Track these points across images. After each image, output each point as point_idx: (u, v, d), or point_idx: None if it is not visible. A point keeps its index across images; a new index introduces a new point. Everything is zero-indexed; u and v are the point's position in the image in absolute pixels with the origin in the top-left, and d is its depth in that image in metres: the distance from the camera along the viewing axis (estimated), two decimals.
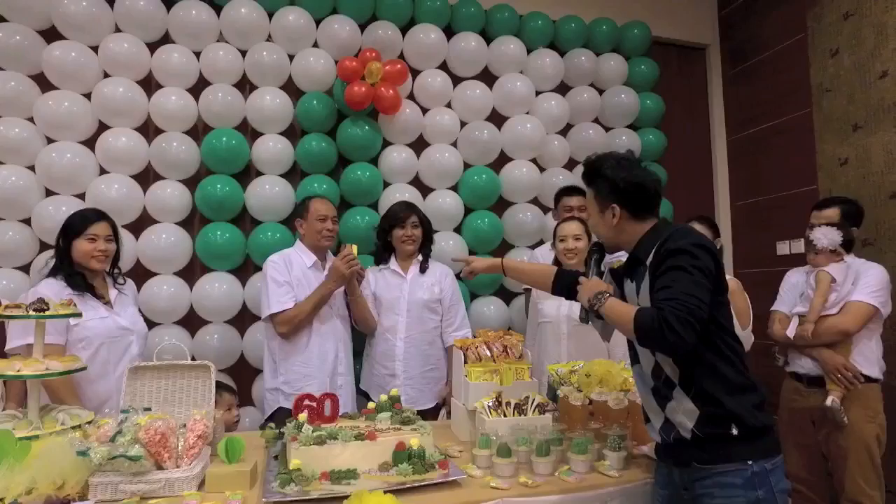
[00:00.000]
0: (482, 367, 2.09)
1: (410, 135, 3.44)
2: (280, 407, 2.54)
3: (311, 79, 3.25)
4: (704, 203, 4.37)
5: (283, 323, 2.52)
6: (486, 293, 3.48)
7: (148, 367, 1.82)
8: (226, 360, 3.08)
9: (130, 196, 2.94)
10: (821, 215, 2.69)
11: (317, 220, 2.65)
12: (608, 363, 2.19)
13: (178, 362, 1.83)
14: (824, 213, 2.69)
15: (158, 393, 1.81)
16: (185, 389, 1.83)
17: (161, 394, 1.81)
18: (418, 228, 2.82)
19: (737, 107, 4.36)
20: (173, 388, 1.82)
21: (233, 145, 3.07)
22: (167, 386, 1.82)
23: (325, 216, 2.67)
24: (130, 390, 1.78)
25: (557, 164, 3.74)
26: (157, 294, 2.94)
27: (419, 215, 2.85)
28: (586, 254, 1.80)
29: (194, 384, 1.84)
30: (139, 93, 3.01)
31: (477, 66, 3.62)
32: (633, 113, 3.91)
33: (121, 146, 2.93)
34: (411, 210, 2.84)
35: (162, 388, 1.81)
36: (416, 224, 2.81)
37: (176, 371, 1.83)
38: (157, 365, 1.82)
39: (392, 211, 2.87)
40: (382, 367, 2.75)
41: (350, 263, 2.55)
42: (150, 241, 2.96)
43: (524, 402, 1.96)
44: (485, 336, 2.25)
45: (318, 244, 2.67)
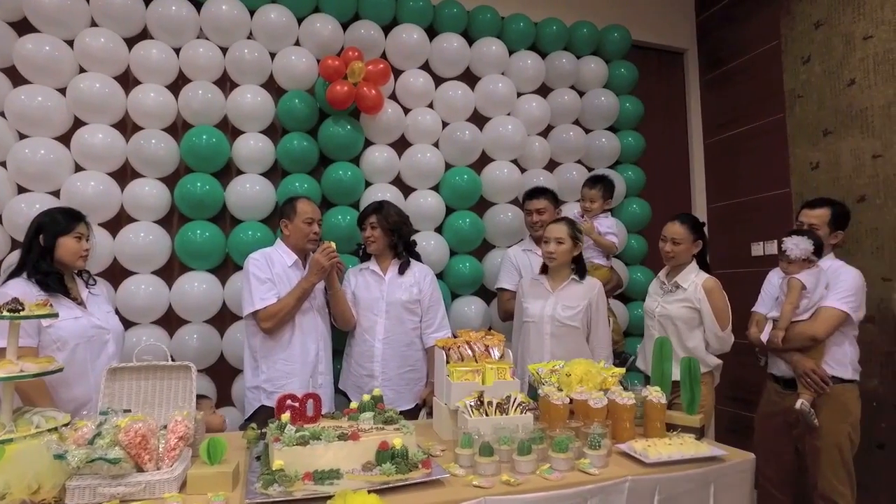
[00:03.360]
0: (464, 367, 2.10)
1: (392, 135, 3.44)
2: (262, 405, 2.53)
3: (293, 77, 3.23)
4: (682, 204, 4.43)
5: (267, 318, 2.51)
6: (466, 293, 3.49)
7: (127, 369, 1.80)
8: (205, 360, 3.04)
9: (107, 194, 2.89)
10: (811, 214, 2.71)
11: (304, 222, 2.64)
12: (588, 363, 2.22)
13: (157, 363, 1.81)
14: (815, 213, 2.70)
15: (138, 394, 1.79)
16: (166, 391, 1.81)
17: (140, 395, 1.79)
18: (377, 229, 2.77)
19: (713, 111, 4.44)
20: (153, 389, 1.80)
21: (213, 143, 3.03)
22: (147, 387, 1.80)
23: (312, 219, 2.66)
24: (109, 392, 1.76)
25: (538, 165, 3.77)
26: (134, 293, 2.89)
27: (381, 215, 2.79)
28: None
29: (174, 385, 1.82)
30: (116, 89, 2.96)
31: (459, 67, 3.63)
32: (613, 115, 3.96)
33: (97, 143, 2.87)
34: (371, 211, 2.81)
35: (141, 390, 1.79)
36: (374, 225, 2.78)
37: (156, 372, 1.81)
38: (136, 366, 1.79)
39: (360, 213, 2.89)
40: (360, 368, 2.75)
41: (330, 255, 2.55)
42: (127, 240, 2.91)
43: (506, 402, 1.98)
44: (466, 336, 2.27)
45: (303, 246, 2.66)
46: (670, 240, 2.72)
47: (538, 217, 3.09)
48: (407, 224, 2.90)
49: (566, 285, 2.73)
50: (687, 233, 2.70)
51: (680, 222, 2.73)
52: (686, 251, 2.72)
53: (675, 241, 2.71)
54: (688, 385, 2.10)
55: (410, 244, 2.92)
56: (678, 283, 2.71)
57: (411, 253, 2.91)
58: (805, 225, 2.71)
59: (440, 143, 3.54)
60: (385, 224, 2.78)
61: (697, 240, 2.73)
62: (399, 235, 2.82)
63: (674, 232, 2.72)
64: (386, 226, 2.78)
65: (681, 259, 2.73)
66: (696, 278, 2.69)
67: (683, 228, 2.71)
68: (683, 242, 2.70)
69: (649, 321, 2.80)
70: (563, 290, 2.73)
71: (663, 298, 2.75)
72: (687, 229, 2.71)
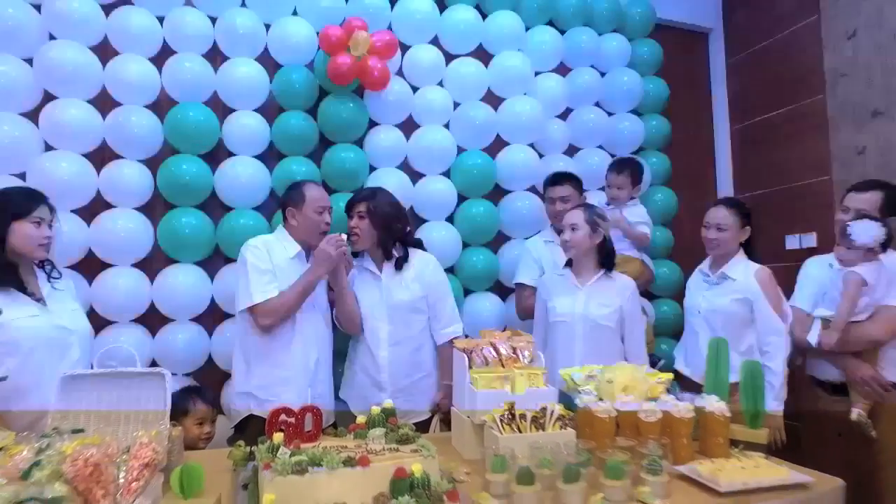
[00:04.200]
0: (490, 373, 1.79)
1: (399, 114, 3.14)
2: (251, 414, 2.22)
3: (290, 50, 2.93)
4: (707, 195, 4.14)
5: (267, 314, 2.20)
6: (480, 289, 3.19)
7: (87, 377, 1.49)
8: (191, 364, 2.75)
9: (81, 177, 2.59)
10: (860, 199, 2.42)
11: (315, 211, 2.33)
12: (632, 367, 1.91)
13: (124, 370, 1.49)
14: (864, 197, 2.41)
15: (98, 408, 1.47)
16: (135, 403, 1.50)
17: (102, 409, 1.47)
18: (365, 220, 2.40)
19: (741, 94, 4.14)
20: (118, 401, 1.48)
21: (201, 122, 2.74)
22: (112, 399, 1.48)
23: (324, 207, 2.35)
24: (64, 405, 1.45)
25: (557, 150, 3.47)
26: (112, 288, 2.60)
27: (373, 205, 2.41)
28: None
29: (145, 397, 1.51)
30: (92, 60, 2.65)
31: (471, 42, 3.33)
32: (637, 97, 3.66)
33: (70, 120, 2.57)
34: (361, 198, 2.45)
35: (104, 402, 1.48)
36: (363, 214, 2.41)
37: (122, 381, 1.50)
38: (97, 373, 1.48)
39: (349, 199, 2.54)
40: (366, 377, 2.43)
41: (338, 245, 2.25)
42: (104, 229, 2.62)
43: (542, 415, 1.67)
44: (491, 337, 1.96)
45: (312, 239, 2.34)
46: (714, 226, 2.43)
47: (562, 206, 2.78)
48: (400, 219, 2.52)
49: (597, 280, 2.44)
50: (734, 218, 2.42)
51: (726, 206, 2.45)
52: (732, 239, 2.43)
53: (719, 228, 2.42)
54: (750, 393, 1.80)
55: (405, 238, 2.54)
56: (726, 274, 2.42)
57: (408, 242, 2.55)
58: (851, 211, 2.41)
59: (451, 124, 3.23)
60: (375, 216, 2.42)
61: (745, 226, 2.43)
62: (389, 232, 2.45)
63: (719, 217, 2.42)
64: (376, 217, 2.42)
65: (726, 247, 2.44)
66: (747, 268, 2.40)
67: (730, 213, 2.42)
68: (730, 229, 2.41)
69: (692, 318, 2.50)
70: (594, 285, 2.43)
71: (708, 292, 2.45)
72: (734, 214, 2.42)
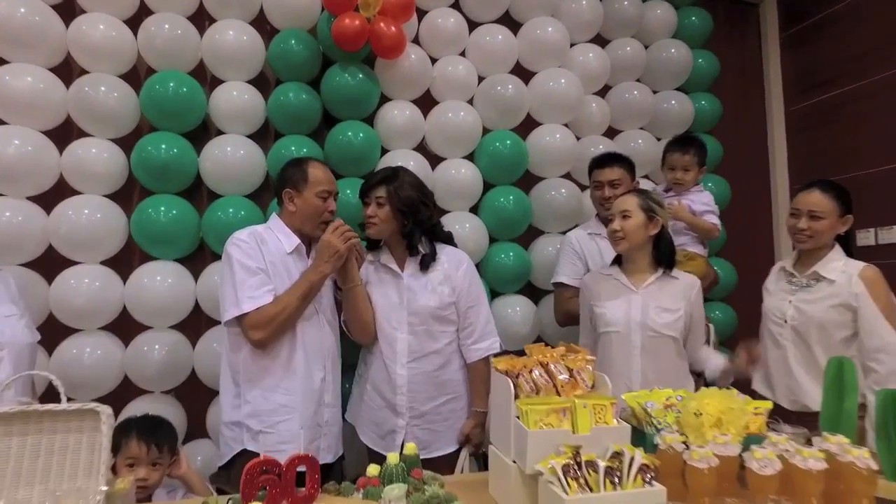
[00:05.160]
0: (544, 405, 1.35)
1: (415, 88, 2.71)
2: (244, 450, 1.79)
3: (289, 11, 2.52)
4: (758, 183, 3.74)
5: (259, 326, 1.76)
6: (509, 291, 2.75)
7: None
8: (172, 379, 2.35)
9: (39, 157, 2.21)
10: None
11: (318, 195, 1.90)
12: (723, 394, 1.47)
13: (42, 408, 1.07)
14: None
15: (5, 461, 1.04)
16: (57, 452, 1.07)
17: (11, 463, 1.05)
18: (383, 207, 1.99)
19: (799, 72, 3.68)
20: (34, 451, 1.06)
21: (183, 94, 2.34)
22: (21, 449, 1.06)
23: (328, 191, 1.93)
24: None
25: (596, 131, 3.04)
26: (75, 290, 2.21)
27: (393, 189, 1.99)
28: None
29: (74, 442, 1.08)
30: (51, 17, 2.27)
31: (498, 7, 2.90)
32: (684, 72, 3.23)
33: (24, 89, 2.18)
34: (379, 180, 2.02)
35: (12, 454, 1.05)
36: (382, 200, 1.99)
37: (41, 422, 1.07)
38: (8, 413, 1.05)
39: (364, 181, 2.11)
40: (379, 398, 1.99)
41: (346, 236, 1.84)
42: (67, 218, 2.23)
43: (617, 464, 1.23)
44: (540, 355, 1.52)
45: (311, 229, 1.92)
46: (806, 213, 1.99)
47: (611, 191, 2.34)
48: (427, 204, 2.06)
49: (654, 280, 2.01)
50: (832, 205, 1.98)
51: (821, 190, 2.00)
52: (829, 230, 1.99)
53: (813, 215, 1.98)
54: (892, 434, 1.35)
55: (432, 230, 2.10)
56: (819, 274, 1.97)
57: (436, 236, 2.10)
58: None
59: (475, 100, 2.82)
60: (396, 201, 1.98)
61: (845, 215, 1.99)
62: (414, 220, 2.00)
63: (813, 202, 1.99)
64: (397, 203, 1.98)
65: (820, 240, 2.00)
66: (847, 267, 1.95)
67: (826, 199, 1.98)
68: (827, 217, 1.97)
69: (776, 329, 2.05)
70: (651, 286, 2.00)
71: (797, 296, 2.00)
72: (831, 199, 1.98)
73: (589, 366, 1.52)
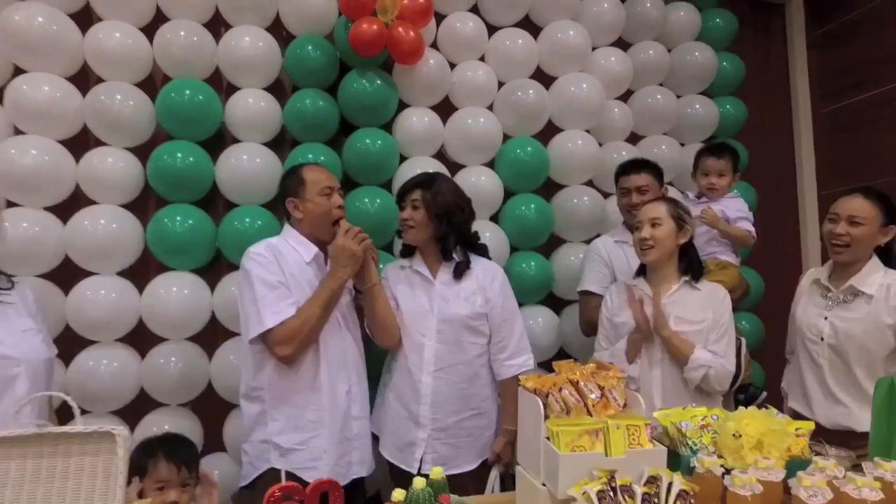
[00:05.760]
0: (575, 426, 1.29)
1: (434, 94, 2.66)
2: (271, 468, 1.73)
3: (306, 17, 2.48)
4: (785, 190, 3.64)
5: (286, 340, 1.70)
6: (530, 301, 2.68)
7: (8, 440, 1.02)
8: (188, 392, 2.32)
9: (56, 166, 2.19)
10: None
11: (319, 194, 1.85)
12: (764, 416, 1.40)
13: (52, 430, 1.02)
14: None
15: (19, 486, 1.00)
16: (73, 476, 1.03)
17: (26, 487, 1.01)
18: (420, 210, 1.96)
19: (826, 74, 3.59)
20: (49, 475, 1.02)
21: (199, 102, 2.32)
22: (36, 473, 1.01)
23: (330, 187, 1.87)
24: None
25: (618, 137, 2.98)
26: (92, 301, 2.18)
27: (430, 193, 1.96)
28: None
29: (90, 465, 1.04)
30: (68, 26, 2.25)
31: (518, 11, 2.85)
32: (709, 76, 3.15)
33: (41, 98, 2.17)
34: (415, 184, 2.01)
35: (27, 478, 1.01)
36: (417, 204, 1.96)
37: (56, 445, 1.03)
38: (20, 436, 1.01)
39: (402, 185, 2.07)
40: (402, 408, 1.94)
41: (359, 237, 1.80)
42: (83, 229, 2.20)
43: (654, 489, 1.17)
44: (570, 372, 1.45)
45: (324, 231, 1.86)
46: (846, 219, 1.89)
47: (638, 197, 2.27)
48: (463, 209, 2.03)
49: (677, 290, 1.94)
50: (874, 212, 1.88)
51: (864, 196, 1.90)
52: (870, 239, 1.90)
53: (853, 222, 1.88)
54: None
55: (468, 238, 2.07)
56: (857, 289, 1.88)
57: (471, 246, 2.07)
58: None
59: (495, 106, 2.77)
60: (432, 205, 1.94)
61: (889, 225, 1.90)
62: (450, 224, 1.97)
63: (856, 208, 1.89)
64: (433, 207, 1.94)
65: (858, 251, 1.91)
66: (886, 278, 1.86)
67: (869, 205, 1.89)
68: (867, 224, 1.88)
69: (812, 345, 1.96)
70: (674, 296, 1.93)
71: (833, 313, 1.91)
72: (874, 207, 1.88)
73: (621, 384, 1.46)
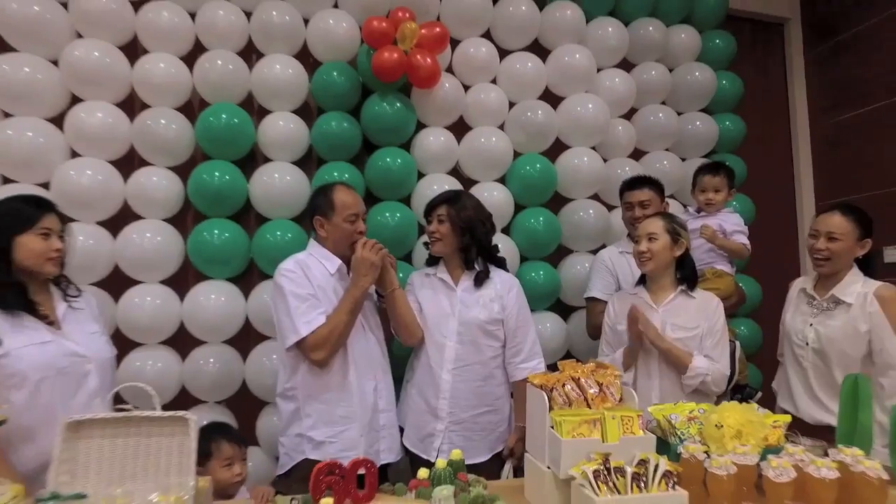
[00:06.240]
0: (576, 416, 1.47)
1: (450, 115, 2.86)
2: (305, 459, 1.92)
3: (331, 45, 2.70)
4: (784, 201, 3.80)
5: (318, 346, 1.89)
6: (540, 307, 2.87)
7: (95, 422, 1.23)
8: (225, 390, 2.52)
9: (107, 185, 2.41)
10: None
11: (346, 220, 2.02)
12: (744, 409, 1.57)
13: (139, 414, 1.23)
14: None
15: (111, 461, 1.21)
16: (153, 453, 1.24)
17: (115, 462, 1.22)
18: (445, 224, 2.15)
19: (823, 90, 3.76)
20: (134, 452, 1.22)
21: (234, 124, 2.53)
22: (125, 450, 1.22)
23: (356, 214, 2.05)
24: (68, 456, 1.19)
25: (622, 153, 3.15)
26: (139, 307, 2.40)
27: (454, 207, 2.16)
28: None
29: (166, 446, 1.24)
30: (120, 59, 2.48)
31: (528, 36, 3.05)
32: (709, 94, 3.32)
33: (96, 124, 2.39)
34: (441, 200, 2.20)
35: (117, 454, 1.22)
36: (443, 218, 2.16)
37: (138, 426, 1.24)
38: (108, 418, 1.22)
39: (429, 201, 2.27)
40: (423, 402, 2.13)
41: (376, 248, 1.98)
42: (131, 242, 2.42)
43: (642, 470, 1.35)
44: (572, 370, 1.64)
45: (344, 252, 2.05)
46: (825, 234, 2.07)
47: (641, 211, 2.45)
48: (485, 223, 2.23)
49: (673, 299, 2.11)
50: (850, 227, 2.05)
51: (841, 213, 2.07)
52: (847, 252, 2.06)
53: (831, 237, 2.05)
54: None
55: (489, 250, 2.27)
56: (838, 298, 2.05)
57: (491, 259, 2.27)
58: None
59: (506, 125, 2.96)
60: (456, 219, 2.15)
61: (864, 238, 2.06)
62: (472, 237, 2.17)
63: (832, 225, 2.06)
64: (457, 221, 2.15)
65: (838, 263, 2.07)
66: (864, 288, 2.02)
67: (846, 221, 2.05)
68: (844, 239, 2.04)
69: (798, 350, 2.13)
70: (671, 304, 2.11)
71: (817, 319, 2.08)
72: (850, 222, 2.05)
73: (617, 381, 1.64)
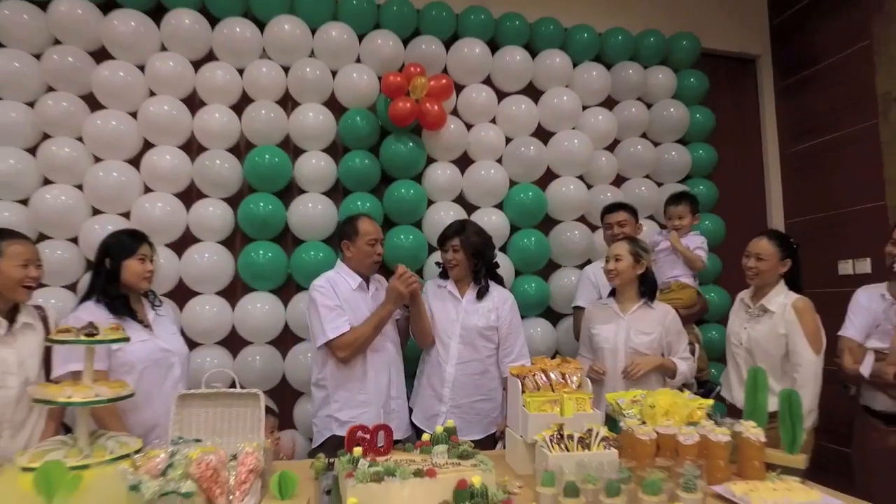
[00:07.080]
0: (541, 397, 1.97)
1: (455, 151, 3.36)
2: (333, 435, 2.45)
3: (355, 95, 3.20)
4: (757, 220, 4.19)
5: (342, 347, 2.41)
6: (532, 314, 3.35)
7: (196, 395, 1.75)
8: (268, 382, 3.01)
9: (174, 214, 2.91)
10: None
11: (367, 243, 2.54)
12: (673, 393, 2.04)
13: (226, 390, 1.75)
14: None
15: (206, 422, 1.73)
16: (233, 419, 1.75)
17: (209, 423, 1.73)
18: (459, 252, 2.63)
19: (791, 120, 4.18)
20: (221, 417, 1.74)
21: (275, 163, 3.02)
22: (215, 415, 1.74)
23: (375, 239, 2.56)
24: (178, 419, 1.71)
25: (605, 181, 3.62)
26: (199, 314, 2.90)
27: (464, 238, 2.63)
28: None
29: (242, 413, 1.76)
30: (183, 111, 2.99)
31: (522, 81, 3.54)
32: (683, 127, 3.78)
33: (165, 164, 2.91)
34: (453, 232, 2.68)
35: (210, 418, 1.74)
36: (457, 248, 2.64)
37: (224, 399, 1.76)
38: (205, 393, 1.74)
39: (441, 233, 2.75)
40: (430, 389, 2.64)
41: (408, 281, 2.45)
42: (192, 261, 2.93)
43: (587, 436, 1.83)
44: (542, 364, 2.13)
45: (366, 269, 2.58)
46: (754, 255, 2.53)
47: (619, 229, 2.93)
48: (489, 246, 2.75)
49: (637, 309, 2.58)
50: (773, 249, 2.50)
51: (767, 238, 2.54)
52: (771, 270, 2.52)
53: (759, 258, 2.52)
54: (788, 421, 1.90)
55: (493, 266, 2.77)
56: (765, 307, 2.51)
57: (493, 276, 2.76)
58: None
59: (504, 159, 3.44)
60: (468, 246, 2.64)
61: (786, 258, 2.52)
62: (483, 259, 2.68)
63: (759, 248, 2.53)
64: (469, 248, 2.64)
65: (764, 278, 2.53)
66: (786, 299, 2.48)
67: (770, 244, 2.51)
68: (769, 259, 2.50)
69: (735, 348, 2.59)
70: (634, 314, 2.57)
71: (750, 324, 2.54)
72: (774, 246, 2.51)
73: (577, 372, 2.13)
